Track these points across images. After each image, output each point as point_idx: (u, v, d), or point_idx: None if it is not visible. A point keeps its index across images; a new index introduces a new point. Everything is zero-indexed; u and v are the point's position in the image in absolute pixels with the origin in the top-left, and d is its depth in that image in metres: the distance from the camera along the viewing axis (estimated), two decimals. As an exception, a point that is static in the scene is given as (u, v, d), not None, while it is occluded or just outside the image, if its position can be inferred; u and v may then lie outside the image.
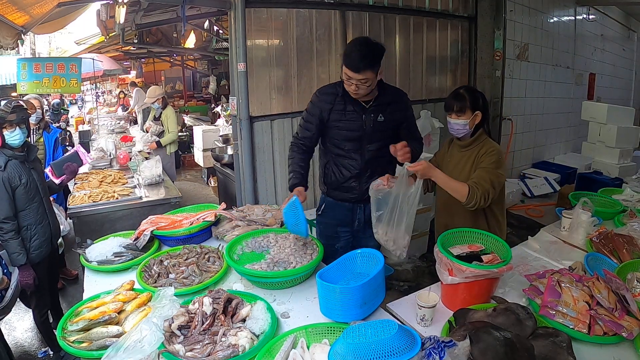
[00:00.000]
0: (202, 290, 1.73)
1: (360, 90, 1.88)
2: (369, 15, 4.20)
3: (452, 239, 1.79)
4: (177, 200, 3.30)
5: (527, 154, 6.02)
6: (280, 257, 1.88)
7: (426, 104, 4.77)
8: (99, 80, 11.86)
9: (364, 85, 1.85)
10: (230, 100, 3.72)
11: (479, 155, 1.94)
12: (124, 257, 2.02)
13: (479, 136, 1.98)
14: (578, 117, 5.66)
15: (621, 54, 7.92)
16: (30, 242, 2.37)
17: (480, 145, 1.97)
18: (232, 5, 3.38)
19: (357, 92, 1.90)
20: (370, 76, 1.83)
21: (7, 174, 2.25)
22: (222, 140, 5.72)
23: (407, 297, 1.74)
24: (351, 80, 1.86)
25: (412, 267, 3.67)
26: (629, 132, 5.15)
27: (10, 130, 2.27)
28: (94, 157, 4.33)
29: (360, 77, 1.82)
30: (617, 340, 1.37)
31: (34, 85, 5.22)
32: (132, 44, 7.09)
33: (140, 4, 4.67)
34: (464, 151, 2.01)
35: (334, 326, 1.46)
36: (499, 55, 5.06)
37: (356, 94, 1.92)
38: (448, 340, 1.17)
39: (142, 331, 1.21)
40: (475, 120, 1.94)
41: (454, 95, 1.97)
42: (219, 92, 10.50)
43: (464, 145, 2.00)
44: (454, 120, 1.96)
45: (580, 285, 1.51)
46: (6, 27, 3.76)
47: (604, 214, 2.43)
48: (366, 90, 1.89)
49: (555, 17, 5.98)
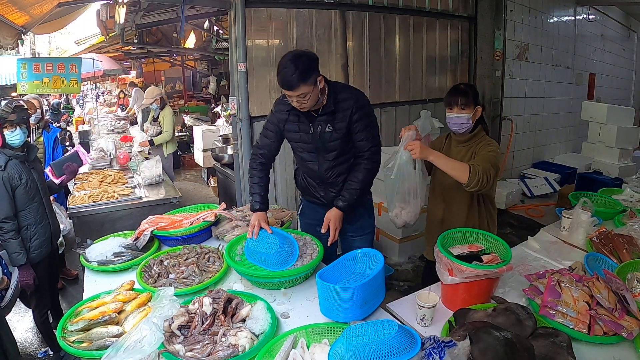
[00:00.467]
0: (202, 290, 1.73)
1: (303, 104, 1.82)
2: (369, 15, 4.20)
3: (452, 239, 1.79)
4: (177, 200, 3.30)
5: (527, 154, 6.01)
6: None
7: (426, 104, 4.77)
8: (99, 80, 11.87)
9: (303, 99, 1.80)
10: (230, 100, 3.72)
11: (477, 149, 1.97)
12: (124, 257, 2.02)
13: (479, 132, 2.01)
14: (578, 117, 5.66)
15: (621, 54, 7.92)
16: (30, 242, 2.37)
17: (478, 141, 2.00)
18: (232, 5, 3.38)
19: (301, 106, 1.84)
20: (307, 90, 1.76)
21: (7, 173, 2.25)
22: (222, 140, 5.72)
23: (407, 297, 1.74)
24: (290, 97, 1.82)
25: (412, 267, 3.67)
26: (629, 132, 5.15)
27: (10, 130, 2.27)
28: (94, 157, 4.33)
29: (297, 94, 1.77)
30: (617, 340, 1.37)
31: (34, 85, 5.22)
32: (132, 44, 7.10)
33: (140, 4, 4.68)
34: (462, 147, 2.03)
35: (334, 326, 1.46)
36: (499, 55, 5.06)
37: (302, 108, 1.86)
38: (448, 340, 1.17)
39: (142, 331, 1.21)
40: (476, 115, 1.97)
41: (457, 90, 1.98)
42: (219, 92, 10.51)
43: (463, 141, 2.02)
44: (456, 115, 1.96)
45: (580, 285, 1.51)
46: (6, 27, 3.76)
47: (604, 214, 2.43)
48: (310, 103, 1.83)
49: (555, 17, 5.98)
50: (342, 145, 1.97)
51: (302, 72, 1.73)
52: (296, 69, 1.73)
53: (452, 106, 1.98)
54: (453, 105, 1.97)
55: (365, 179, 1.99)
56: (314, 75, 1.78)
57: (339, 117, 1.92)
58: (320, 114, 1.92)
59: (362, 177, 1.97)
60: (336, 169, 2.02)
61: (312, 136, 1.96)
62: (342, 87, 1.98)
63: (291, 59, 1.75)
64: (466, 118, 1.95)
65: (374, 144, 1.98)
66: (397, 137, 5.06)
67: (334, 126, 1.93)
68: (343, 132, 1.93)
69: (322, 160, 2.01)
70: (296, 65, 1.73)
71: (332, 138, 1.94)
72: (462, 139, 2.03)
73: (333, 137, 1.94)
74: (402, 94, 4.62)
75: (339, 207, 1.98)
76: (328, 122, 1.93)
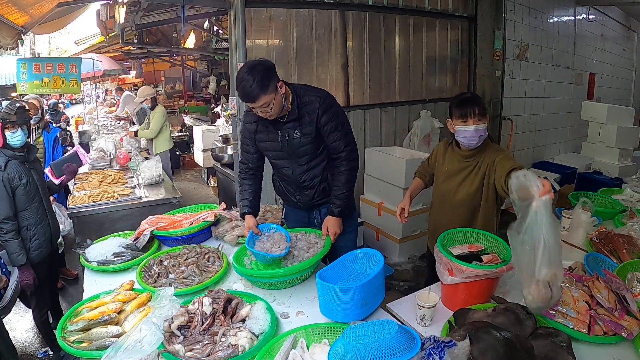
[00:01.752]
0: (202, 290, 1.73)
1: (268, 113, 1.81)
2: (368, 15, 4.20)
3: (452, 239, 1.79)
4: (177, 200, 3.30)
5: (527, 154, 6.02)
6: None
7: (426, 104, 4.77)
8: (99, 80, 11.86)
9: (267, 109, 1.79)
10: (230, 100, 3.72)
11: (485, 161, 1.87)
12: (124, 257, 2.02)
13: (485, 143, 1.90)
14: (578, 117, 5.65)
15: (621, 54, 7.92)
16: (30, 242, 2.37)
17: (486, 153, 1.88)
18: (232, 5, 3.38)
19: (266, 115, 1.83)
20: (268, 99, 1.75)
21: (7, 174, 2.25)
22: (222, 140, 5.72)
23: (407, 297, 1.74)
24: (254, 108, 1.81)
25: (412, 267, 3.67)
26: (629, 132, 5.15)
27: (12, 131, 2.27)
28: (94, 157, 4.33)
29: (259, 104, 1.76)
30: (617, 340, 1.37)
31: (34, 85, 5.22)
32: (132, 44, 7.10)
33: (140, 4, 4.68)
34: (469, 161, 1.92)
35: (334, 326, 1.46)
36: (499, 55, 5.06)
37: (269, 116, 1.84)
38: (448, 340, 1.17)
39: (141, 331, 1.21)
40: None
41: (469, 100, 1.83)
42: (218, 92, 10.51)
43: (470, 155, 1.91)
44: (475, 127, 1.79)
45: (580, 285, 1.52)
46: (6, 27, 3.76)
47: (604, 214, 2.43)
48: (275, 111, 1.81)
49: (555, 17, 5.98)
50: (313, 149, 1.96)
51: (260, 82, 1.72)
52: (254, 80, 1.71)
53: (466, 118, 1.81)
54: (468, 117, 1.80)
55: (348, 180, 1.97)
56: (272, 82, 1.76)
57: (305, 122, 1.89)
58: (286, 121, 1.90)
59: (345, 179, 1.96)
60: (310, 172, 2.02)
61: (281, 144, 1.96)
62: (305, 90, 1.94)
63: (247, 70, 1.74)
64: (483, 129, 1.82)
65: (347, 142, 1.95)
66: (397, 137, 5.08)
67: (301, 131, 1.90)
68: (312, 137, 1.91)
69: (296, 165, 2.01)
70: (253, 76, 1.71)
71: (301, 143, 1.93)
72: (469, 153, 1.90)
73: (302, 142, 1.92)
74: (402, 94, 4.63)
75: (334, 214, 1.97)
76: (295, 129, 1.91)
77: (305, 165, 2.00)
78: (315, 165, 2.01)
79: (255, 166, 2.11)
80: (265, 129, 1.97)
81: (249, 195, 2.09)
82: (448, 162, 2.02)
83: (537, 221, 1.23)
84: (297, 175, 2.03)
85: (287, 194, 2.16)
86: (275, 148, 1.99)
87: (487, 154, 1.89)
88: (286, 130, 1.92)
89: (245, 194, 2.10)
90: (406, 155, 3.79)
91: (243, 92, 1.74)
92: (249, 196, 2.08)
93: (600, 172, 4.67)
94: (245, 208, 2.06)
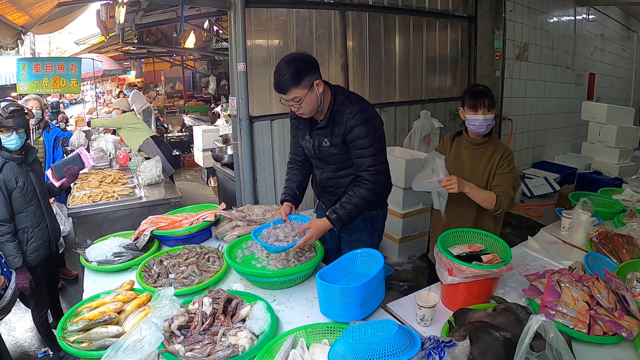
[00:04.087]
0: (202, 290, 1.73)
1: (299, 110, 1.77)
2: (368, 15, 4.20)
3: (452, 239, 1.79)
4: (177, 200, 3.30)
5: (527, 154, 6.02)
6: (280, 257, 1.87)
7: (426, 104, 4.78)
8: (99, 80, 11.86)
9: (298, 104, 1.74)
10: (230, 100, 3.72)
11: (493, 157, 1.98)
12: (124, 257, 2.01)
13: (492, 134, 2.03)
14: (578, 117, 5.66)
15: (621, 54, 7.92)
16: (27, 245, 2.34)
17: (493, 145, 2.02)
18: (232, 5, 3.38)
19: (298, 112, 1.79)
20: (299, 93, 1.70)
21: (3, 176, 2.22)
22: (222, 140, 5.72)
23: (407, 297, 1.74)
24: (287, 101, 1.77)
25: (412, 267, 3.67)
26: (629, 132, 5.16)
27: (6, 135, 2.24)
28: (94, 158, 4.33)
29: (289, 97, 1.72)
30: (617, 340, 1.37)
31: (34, 85, 5.23)
32: (132, 44, 7.09)
33: (140, 4, 4.68)
34: (477, 149, 2.03)
35: (334, 326, 1.46)
36: (499, 55, 5.06)
37: (301, 114, 1.80)
38: (448, 340, 1.17)
39: (141, 331, 1.21)
40: None
41: (480, 92, 1.96)
42: (218, 92, 10.51)
43: (478, 144, 2.03)
44: (483, 117, 1.93)
45: (580, 285, 1.51)
46: (6, 27, 3.76)
47: (604, 214, 2.43)
48: (307, 109, 1.76)
49: (555, 17, 5.98)
50: (341, 160, 1.91)
51: (294, 74, 1.68)
52: (288, 71, 1.68)
53: (477, 108, 1.94)
54: (479, 108, 1.93)
55: (360, 203, 1.81)
56: (307, 78, 1.70)
57: (335, 132, 1.83)
58: (317, 127, 1.88)
59: (357, 202, 1.81)
60: (336, 181, 1.99)
61: (312, 148, 1.95)
62: (345, 99, 1.84)
63: (286, 60, 1.71)
64: (492, 119, 1.96)
65: (372, 163, 1.80)
66: (397, 137, 5.10)
67: (330, 141, 1.86)
68: (340, 147, 1.86)
69: (325, 169, 2.01)
70: (289, 68, 1.68)
71: (330, 153, 1.90)
72: (478, 141, 2.02)
73: (331, 152, 1.89)
74: (402, 94, 4.63)
75: (328, 217, 1.82)
76: (325, 137, 1.87)
77: (333, 173, 1.99)
78: (342, 176, 1.97)
79: (302, 159, 2.11)
80: (302, 129, 1.98)
81: (292, 184, 2.08)
82: (455, 151, 2.11)
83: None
84: (324, 180, 2.03)
85: (316, 191, 2.17)
86: (308, 150, 2.00)
87: (495, 150, 2.00)
88: (317, 137, 1.90)
89: (288, 183, 2.10)
90: (406, 155, 3.79)
91: (276, 80, 1.72)
92: (292, 185, 2.08)
93: (600, 172, 4.67)
94: (284, 195, 2.05)
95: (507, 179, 1.93)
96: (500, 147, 2.02)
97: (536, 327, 1.06)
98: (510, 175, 1.94)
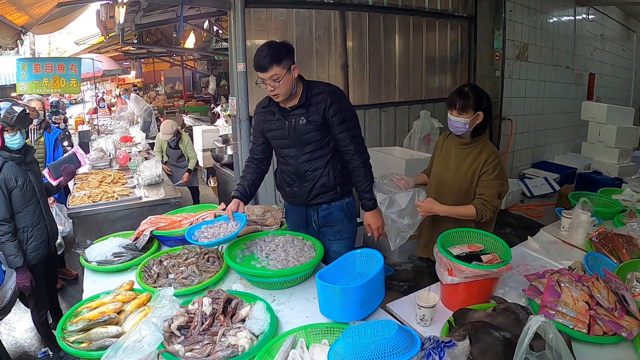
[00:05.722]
0: (202, 290, 1.73)
1: (276, 90, 1.87)
2: (368, 15, 4.20)
3: (452, 239, 1.79)
4: (177, 200, 3.30)
5: (527, 154, 6.02)
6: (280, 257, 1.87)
7: (426, 104, 4.78)
8: (99, 81, 11.85)
9: (276, 82, 1.84)
10: (230, 100, 3.72)
11: (478, 159, 1.95)
12: (124, 258, 2.02)
13: (480, 137, 1.99)
14: (578, 117, 5.66)
15: (621, 53, 7.92)
16: (27, 244, 2.35)
17: (479, 147, 1.98)
18: (232, 5, 3.38)
19: (274, 92, 1.89)
20: (279, 72, 1.83)
21: (3, 175, 2.23)
22: (221, 141, 5.72)
23: (406, 297, 1.74)
24: (265, 81, 1.87)
25: (411, 267, 3.67)
26: (629, 132, 5.16)
27: (11, 134, 2.27)
28: (94, 158, 4.33)
29: (269, 75, 1.83)
30: (617, 340, 1.37)
31: (34, 85, 5.22)
32: (132, 44, 7.11)
33: (140, 4, 4.68)
34: (463, 148, 2.02)
35: (334, 326, 1.46)
36: (499, 55, 5.06)
37: (276, 96, 1.91)
38: (448, 341, 1.17)
39: (141, 331, 1.21)
40: (476, 121, 1.93)
41: (458, 92, 1.95)
42: (218, 92, 10.51)
43: (464, 143, 2.02)
44: (454, 118, 1.95)
45: (580, 285, 1.51)
46: (6, 27, 3.75)
47: (604, 214, 2.43)
48: (283, 89, 1.87)
49: (555, 17, 5.98)
50: (318, 138, 1.99)
51: (275, 54, 1.81)
52: (269, 52, 1.81)
53: (451, 108, 1.96)
54: (452, 108, 1.95)
55: (367, 172, 2.03)
56: (287, 59, 1.84)
57: (312, 110, 1.95)
58: (294, 107, 1.97)
59: (364, 172, 2.01)
60: (313, 163, 2.04)
61: (287, 130, 2.00)
62: (316, 83, 2.02)
63: (267, 45, 1.85)
64: (462, 123, 1.92)
65: (354, 134, 2.00)
66: (397, 137, 5.07)
67: (307, 118, 1.96)
68: (318, 124, 1.96)
69: (300, 153, 2.04)
70: (270, 48, 1.83)
71: (307, 130, 1.97)
72: (463, 141, 2.02)
73: (308, 129, 1.97)
74: (401, 94, 4.63)
75: (369, 207, 2.03)
76: (302, 115, 1.96)
77: (309, 155, 2.02)
78: (318, 157, 2.03)
79: (259, 157, 2.16)
80: (273, 116, 2.03)
81: (245, 182, 2.12)
82: (445, 148, 2.12)
83: None
84: (299, 164, 2.05)
85: (285, 187, 2.17)
86: (282, 136, 2.03)
87: (481, 152, 1.97)
88: (293, 117, 1.98)
89: (241, 181, 2.14)
90: (406, 155, 3.79)
91: (256, 61, 1.83)
92: (244, 183, 2.12)
93: (600, 172, 4.67)
94: (236, 192, 2.09)
95: (492, 188, 1.90)
96: (486, 149, 1.97)
97: (536, 327, 1.06)
98: (495, 183, 1.91)
